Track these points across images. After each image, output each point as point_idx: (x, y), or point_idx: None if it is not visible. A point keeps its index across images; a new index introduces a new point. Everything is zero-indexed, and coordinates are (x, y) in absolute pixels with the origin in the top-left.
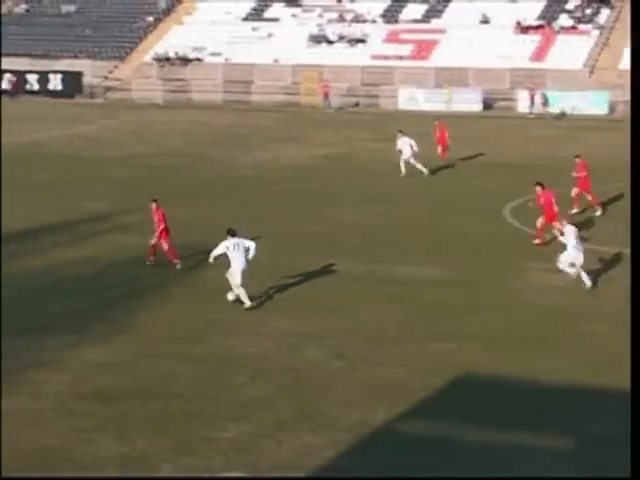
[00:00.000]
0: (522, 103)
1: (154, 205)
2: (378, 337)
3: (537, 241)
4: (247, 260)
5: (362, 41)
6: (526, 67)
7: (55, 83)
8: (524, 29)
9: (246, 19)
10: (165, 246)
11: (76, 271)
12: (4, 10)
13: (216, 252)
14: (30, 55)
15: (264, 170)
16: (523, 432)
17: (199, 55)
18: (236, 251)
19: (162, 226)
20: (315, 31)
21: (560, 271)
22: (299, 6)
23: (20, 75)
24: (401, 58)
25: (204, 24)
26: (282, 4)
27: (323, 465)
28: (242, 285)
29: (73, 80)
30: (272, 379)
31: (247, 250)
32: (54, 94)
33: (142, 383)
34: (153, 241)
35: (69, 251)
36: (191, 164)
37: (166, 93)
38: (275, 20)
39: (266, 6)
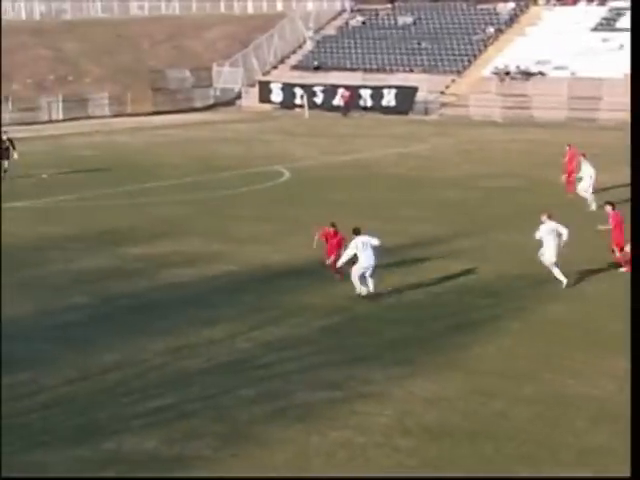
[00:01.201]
0: None
1: (332, 230)
2: None
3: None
4: (375, 257)
5: None
6: None
7: (388, 99)
8: None
9: (595, 29)
10: (331, 260)
11: (404, 298)
12: (340, 23)
13: (349, 252)
14: (364, 69)
15: (603, 194)
16: None
17: (542, 69)
18: (365, 249)
19: (338, 250)
20: None
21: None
22: None
23: (354, 90)
24: None
25: (549, 35)
26: None
27: None
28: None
29: (406, 96)
30: (615, 425)
31: (374, 246)
32: (386, 110)
33: (470, 421)
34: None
35: (397, 277)
36: (529, 186)
37: (505, 110)
38: (628, 30)
39: (618, 15)
